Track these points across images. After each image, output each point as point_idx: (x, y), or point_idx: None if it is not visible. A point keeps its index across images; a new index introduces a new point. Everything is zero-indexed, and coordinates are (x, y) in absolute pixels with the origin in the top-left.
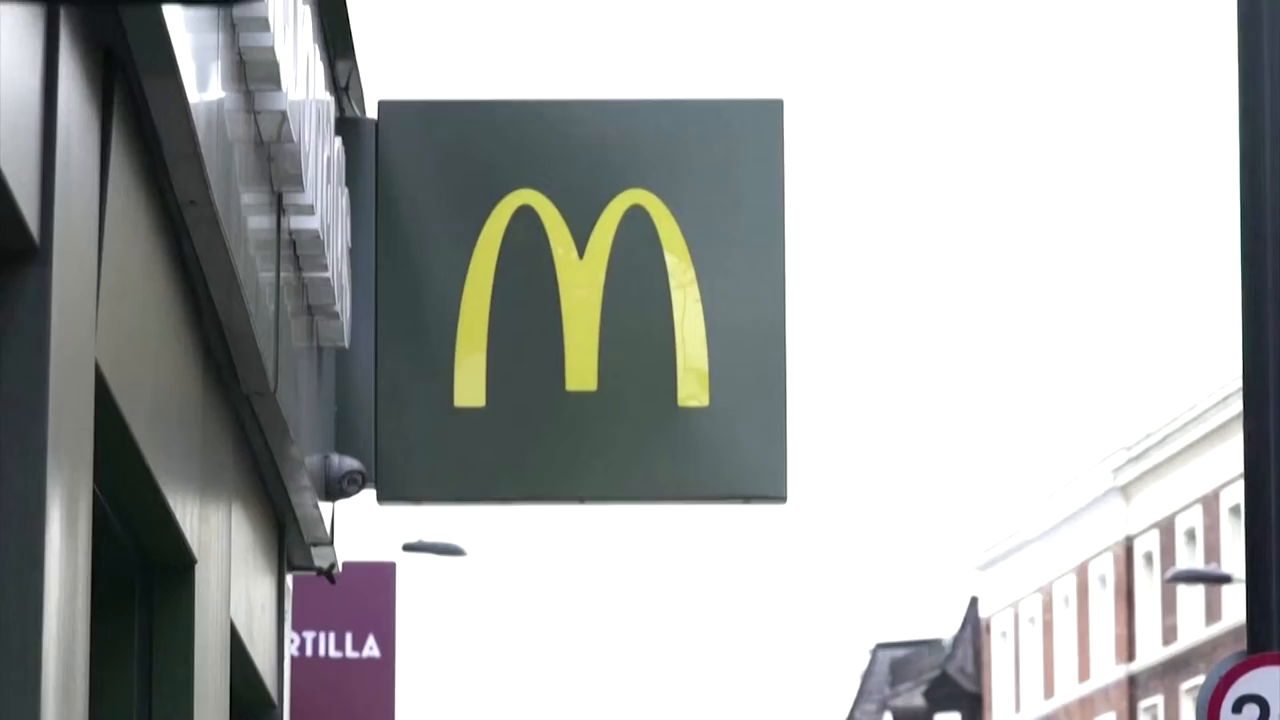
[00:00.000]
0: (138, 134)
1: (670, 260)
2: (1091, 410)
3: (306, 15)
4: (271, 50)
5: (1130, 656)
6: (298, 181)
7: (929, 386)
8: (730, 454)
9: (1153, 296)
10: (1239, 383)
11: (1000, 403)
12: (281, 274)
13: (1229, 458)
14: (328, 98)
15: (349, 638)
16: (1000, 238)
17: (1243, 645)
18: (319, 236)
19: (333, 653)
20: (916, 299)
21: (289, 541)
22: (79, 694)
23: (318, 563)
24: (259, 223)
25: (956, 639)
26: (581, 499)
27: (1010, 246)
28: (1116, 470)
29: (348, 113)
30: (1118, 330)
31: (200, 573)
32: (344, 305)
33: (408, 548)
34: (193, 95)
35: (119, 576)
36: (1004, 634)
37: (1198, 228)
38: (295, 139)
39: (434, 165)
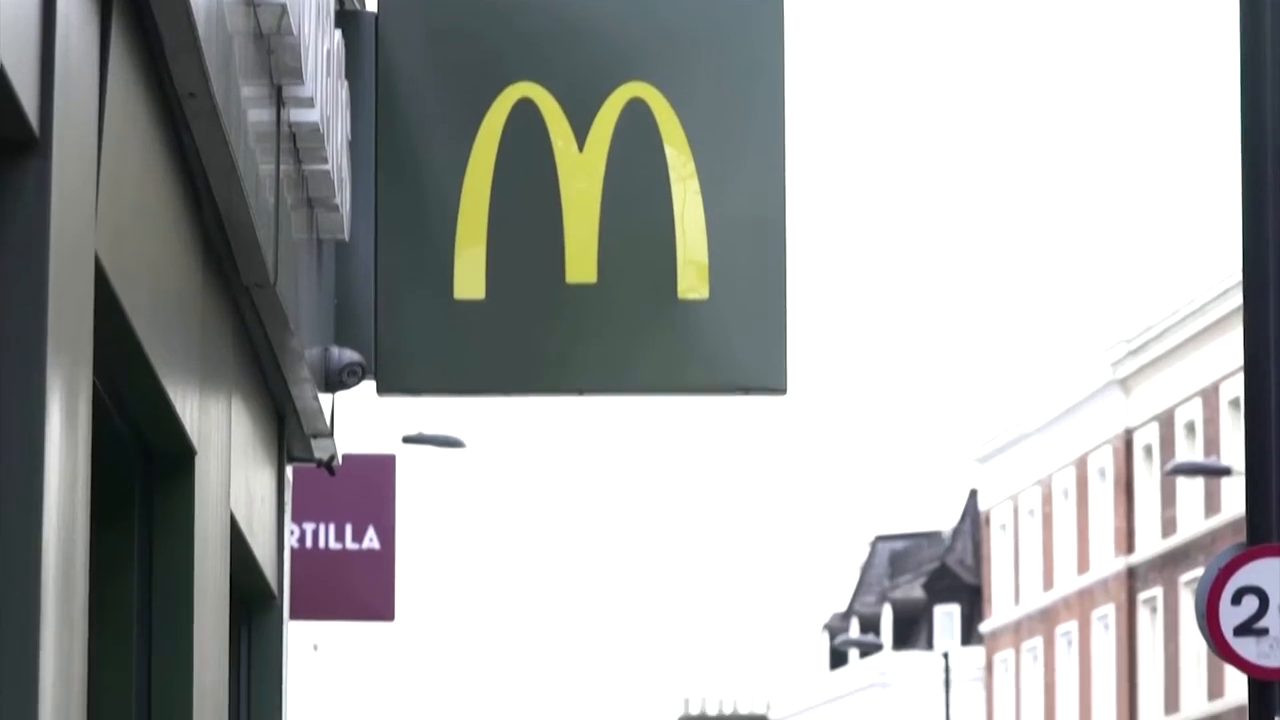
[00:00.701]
0: (137, 26)
1: (670, 153)
2: (1091, 303)
3: None
4: None
5: (1129, 549)
6: (297, 74)
7: (930, 280)
8: (730, 346)
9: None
10: (1239, 275)
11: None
12: (281, 167)
13: (1228, 350)
14: None
15: (349, 529)
16: (1002, 131)
17: (1242, 537)
18: (319, 129)
19: (332, 544)
20: (919, 192)
21: (289, 433)
22: (79, 585)
23: (317, 454)
24: (259, 115)
25: (956, 531)
26: (581, 391)
27: (1013, 139)
28: (1116, 363)
29: (348, 5)
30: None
31: (200, 464)
32: (344, 198)
33: (407, 440)
34: None
35: (119, 468)
36: (1003, 526)
37: (1199, 122)
38: (295, 32)
39: (434, 58)
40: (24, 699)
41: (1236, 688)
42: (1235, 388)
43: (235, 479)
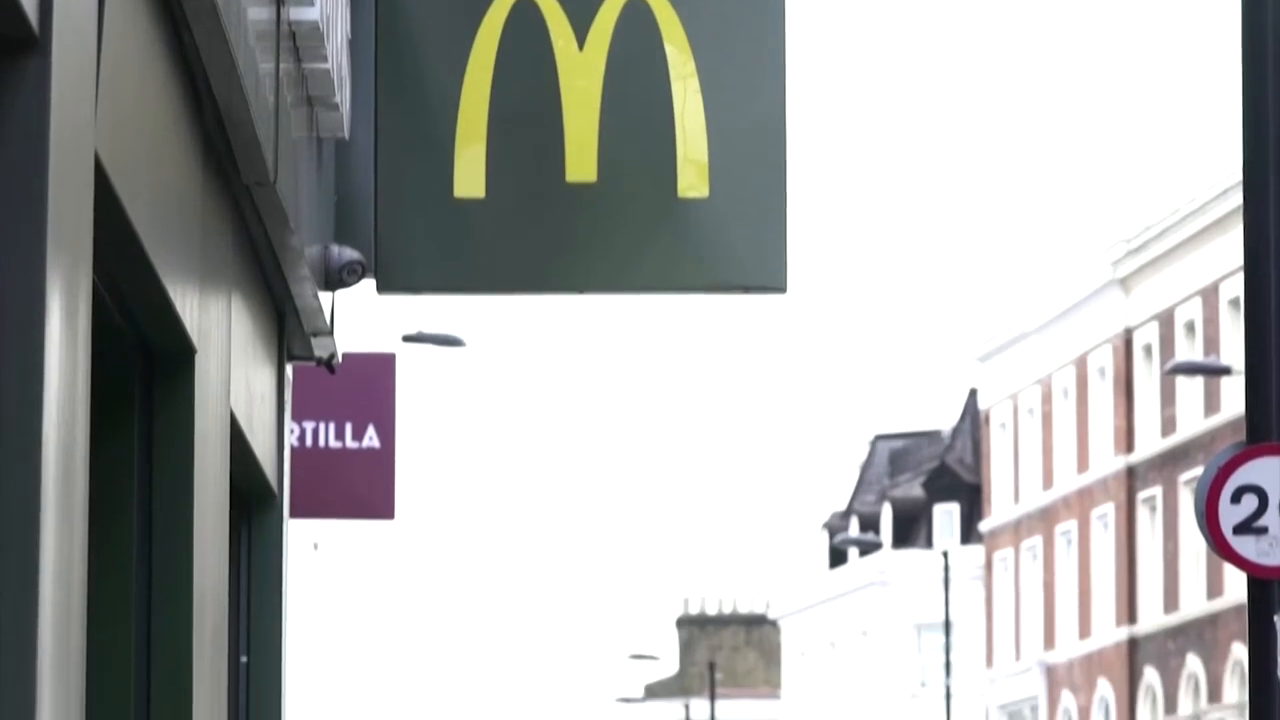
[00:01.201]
0: None
1: (670, 52)
2: (1091, 202)
3: None
4: None
5: (1129, 448)
6: None
7: (931, 179)
8: (730, 245)
9: (1153, 87)
10: (1239, 175)
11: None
12: (281, 65)
13: (1229, 250)
14: None
15: (349, 428)
16: (1003, 31)
17: (1241, 437)
18: (319, 27)
19: (332, 443)
20: (919, 92)
21: (289, 332)
22: (79, 483)
23: (317, 353)
24: (259, 14)
25: (955, 430)
26: (580, 289)
27: (1014, 38)
28: (1116, 262)
29: None
30: (1118, 122)
31: (200, 362)
32: (344, 96)
33: (407, 339)
34: None
35: (119, 366)
36: (1003, 425)
37: (1199, 21)
38: None
39: None
40: (24, 597)
41: (1236, 587)
42: (1235, 287)
43: (235, 377)
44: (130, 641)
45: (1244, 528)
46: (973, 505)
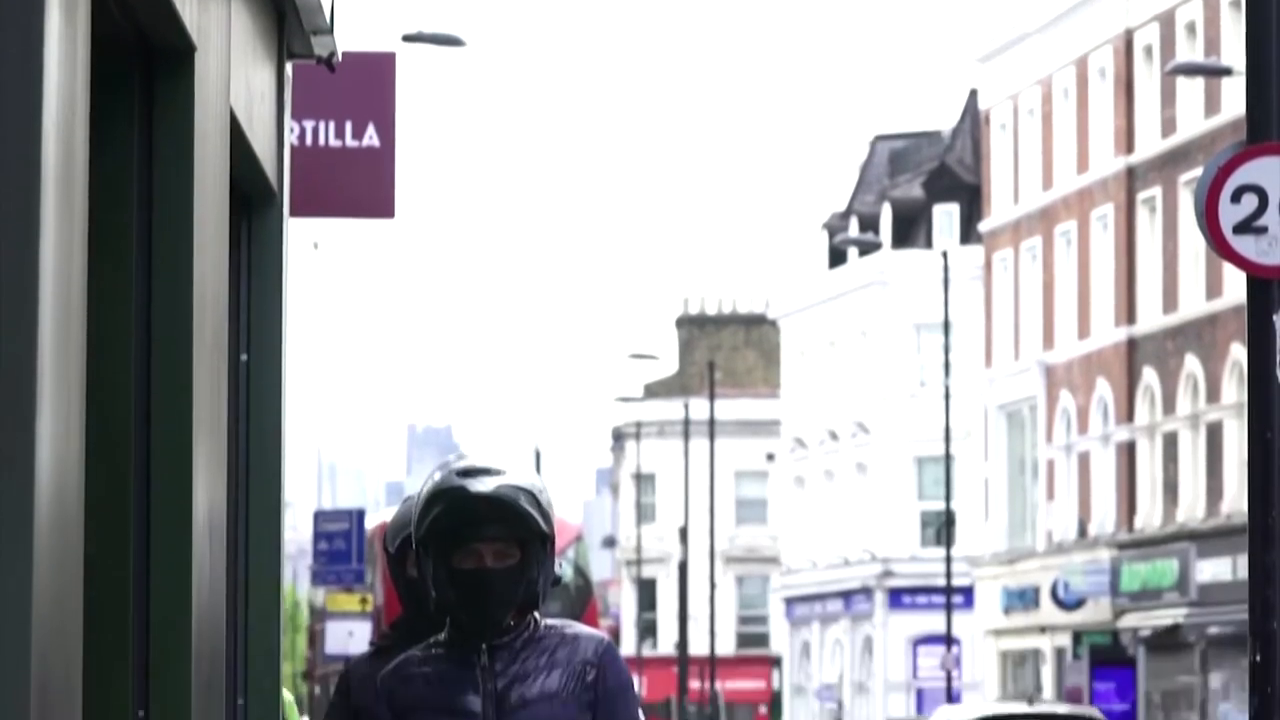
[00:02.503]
0: None
1: None
2: None
3: None
4: None
5: (1129, 149)
6: None
7: None
8: None
9: None
10: None
11: None
12: None
13: None
14: None
15: (349, 126)
16: None
17: (1241, 137)
18: None
19: (332, 141)
20: None
21: (288, 30)
22: (78, 178)
23: (317, 51)
24: None
25: (956, 131)
26: None
27: None
28: None
29: None
30: None
31: (199, 60)
32: None
33: (407, 39)
34: None
35: (118, 64)
36: (1003, 126)
37: None
38: None
39: None
40: (24, 287)
41: (1235, 287)
42: None
43: (235, 75)
44: (130, 336)
45: (1244, 227)
46: (972, 205)
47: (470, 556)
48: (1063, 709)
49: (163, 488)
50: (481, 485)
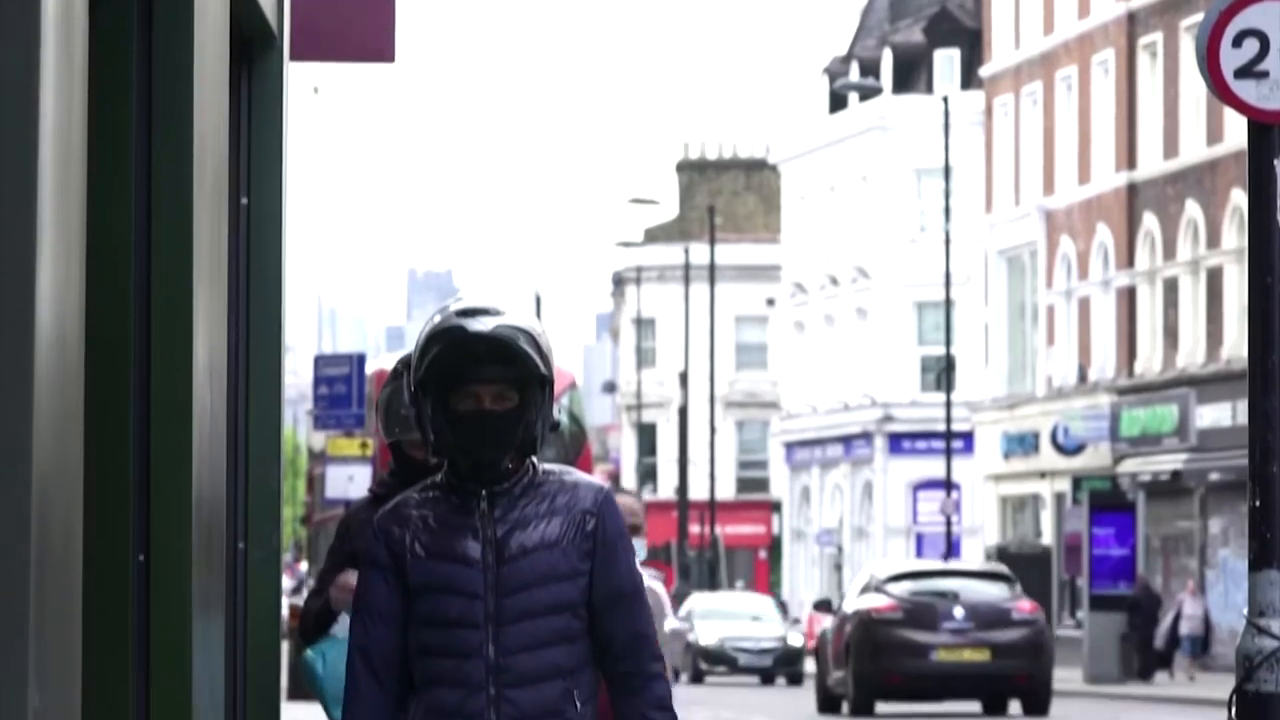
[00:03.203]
0: None
1: None
2: None
3: None
4: None
5: None
6: None
7: None
8: None
9: None
10: None
11: None
12: None
13: None
14: None
15: None
16: None
17: None
18: None
19: None
20: None
21: None
22: (78, 26)
23: None
24: None
25: None
26: None
27: None
28: None
29: None
30: None
31: None
32: None
33: None
34: None
35: None
36: None
37: None
38: None
39: None
40: (24, 139)
41: (1236, 132)
42: None
43: None
44: (130, 181)
45: (1245, 72)
46: (973, 50)
47: (468, 399)
48: (975, 565)
49: (163, 332)
50: (480, 325)
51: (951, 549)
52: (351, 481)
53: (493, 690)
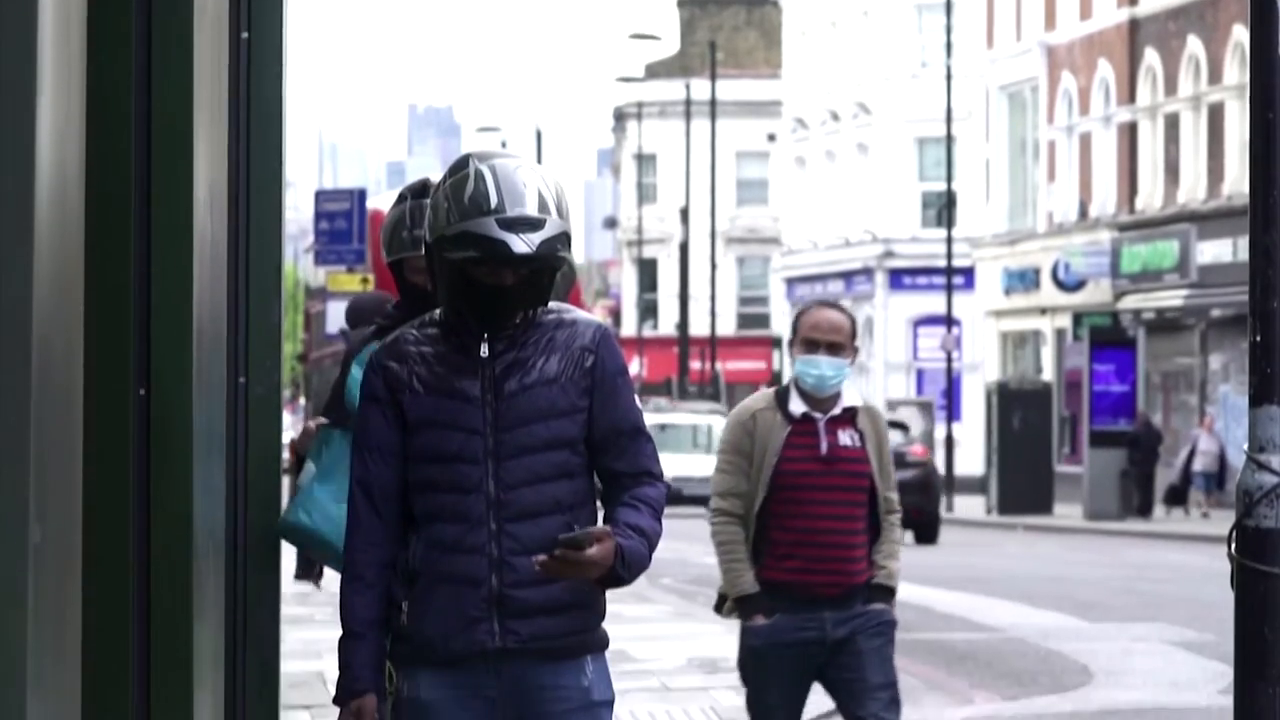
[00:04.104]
0: None
1: None
2: None
3: None
4: None
5: None
6: None
7: None
8: None
9: None
10: None
11: None
12: None
13: None
14: None
15: None
16: None
17: None
18: None
19: None
20: None
21: None
22: None
23: None
24: None
25: None
26: None
27: None
28: None
29: None
30: None
31: None
32: None
33: None
34: None
35: None
36: None
37: None
38: None
39: None
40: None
41: None
42: None
43: None
44: (130, 19)
45: None
46: None
47: (491, 275)
48: None
49: (163, 166)
50: (523, 245)
51: (952, 385)
52: None
53: (493, 525)
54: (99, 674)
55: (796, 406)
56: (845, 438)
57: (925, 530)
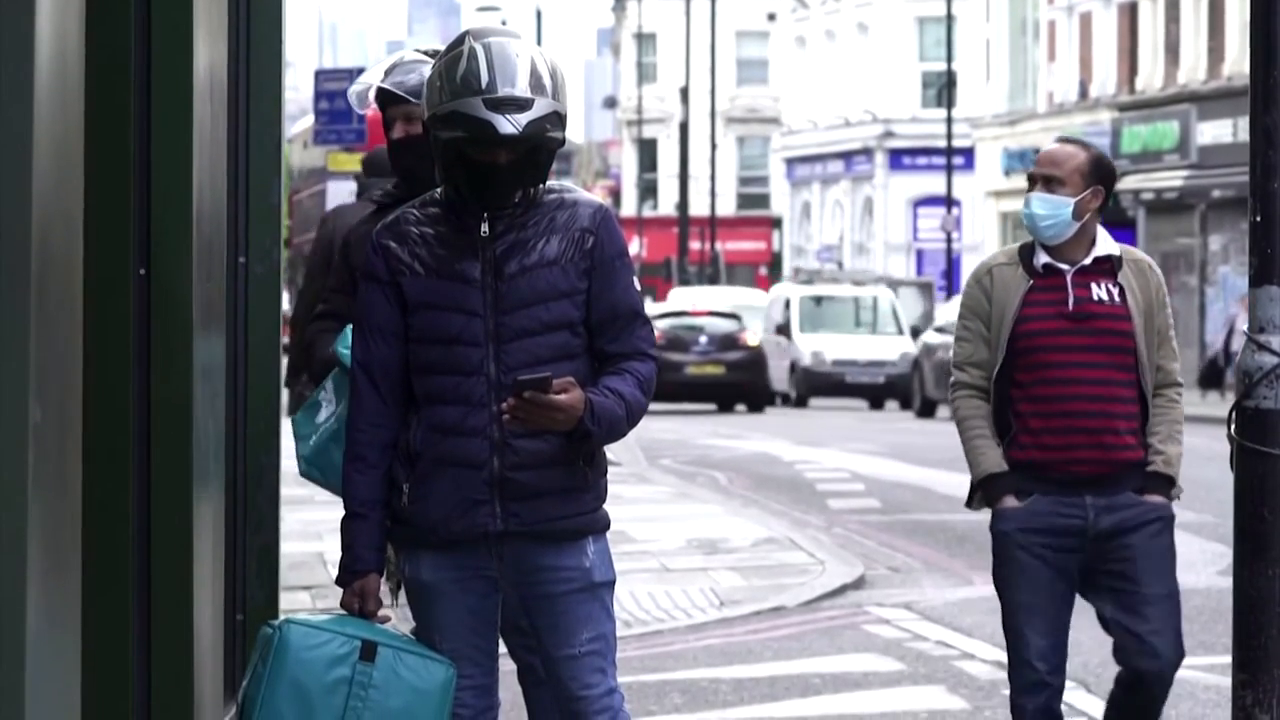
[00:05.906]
0: None
1: None
2: None
3: None
4: None
5: None
6: None
7: None
8: None
9: None
10: None
11: None
12: None
13: None
14: None
15: None
16: None
17: None
18: None
19: None
20: None
21: None
22: None
23: None
24: None
25: None
26: None
27: None
28: None
29: None
30: None
31: None
32: None
33: None
34: None
35: None
36: None
37: None
38: None
39: None
40: None
41: None
42: None
43: None
44: None
45: None
46: None
47: (485, 154)
48: (716, 308)
49: (163, 46)
50: (510, 126)
51: (951, 265)
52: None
53: (495, 407)
54: (99, 553)
55: (1039, 258)
56: (1100, 291)
57: (755, 402)
